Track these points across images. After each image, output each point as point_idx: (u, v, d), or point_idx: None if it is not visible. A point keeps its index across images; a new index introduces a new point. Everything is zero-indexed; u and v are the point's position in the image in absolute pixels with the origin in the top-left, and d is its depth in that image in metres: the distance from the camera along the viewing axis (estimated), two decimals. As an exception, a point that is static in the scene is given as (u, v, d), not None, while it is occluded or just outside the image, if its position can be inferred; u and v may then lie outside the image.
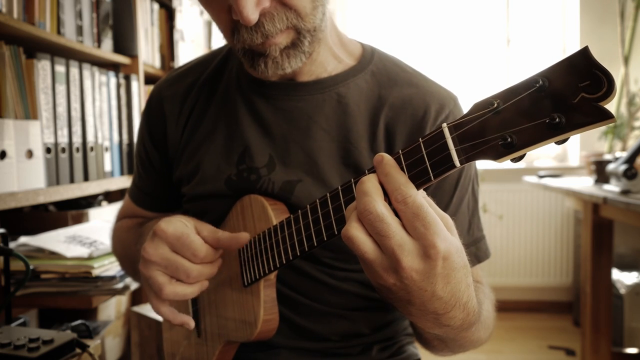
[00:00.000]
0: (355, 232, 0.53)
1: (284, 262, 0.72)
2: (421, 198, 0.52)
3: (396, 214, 0.53)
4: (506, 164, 0.49)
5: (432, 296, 0.54)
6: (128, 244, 0.98)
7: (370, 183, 0.54)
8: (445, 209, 0.83)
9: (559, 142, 0.45)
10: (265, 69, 0.78)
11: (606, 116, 0.42)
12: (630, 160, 1.92)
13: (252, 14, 0.70)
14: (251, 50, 0.77)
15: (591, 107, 0.43)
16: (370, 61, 0.89)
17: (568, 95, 0.44)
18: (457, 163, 0.50)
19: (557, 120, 0.44)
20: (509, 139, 0.47)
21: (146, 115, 0.99)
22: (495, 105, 0.48)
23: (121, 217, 1.10)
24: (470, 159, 0.50)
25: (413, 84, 0.86)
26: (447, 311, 0.56)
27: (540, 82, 0.45)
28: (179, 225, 0.76)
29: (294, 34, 0.77)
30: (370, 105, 0.85)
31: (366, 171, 0.58)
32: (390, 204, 0.53)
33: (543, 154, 3.61)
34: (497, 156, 0.48)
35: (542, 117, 0.45)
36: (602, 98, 0.42)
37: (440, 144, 0.52)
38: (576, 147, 3.43)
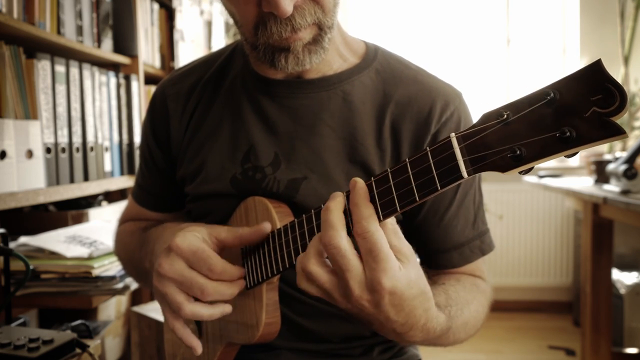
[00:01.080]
0: (314, 267, 0.60)
1: (287, 265, 0.72)
2: (379, 235, 0.56)
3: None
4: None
5: (387, 320, 0.59)
6: (132, 249, 0.97)
7: (335, 213, 0.58)
8: (449, 203, 0.84)
9: (568, 156, 0.45)
10: (285, 65, 0.78)
11: (618, 132, 0.42)
12: (630, 160, 1.91)
13: (288, 5, 0.71)
14: (272, 46, 0.78)
15: (602, 121, 0.42)
16: (374, 59, 0.89)
17: (579, 109, 0.43)
18: (465, 174, 0.50)
19: (568, 134, 0.43)
20: (518, 152, 0.46)
21: (150, 114, 0.99)
22: (505, 116, 0.47)
23: (124, 220, 1.09)
24: (478, 170, 0.50)
25: (418, 81, 0.87)
26: (405, 331, 0.61)
27: (552, 94, 0.44)
28: (193, 240, 0.74)
29: (317, 30, 0.78)
30: (375, 103, 0.85)
31: (344, 192, 0.61)
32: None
33: (543, 154, 3.61)
34: (505, 168, 0.48)
35: (553, 130, 0.45)
36: (614, 113, 0.42)
37: (448, 154, 0.51)
38: (576, 147, 3.43)
